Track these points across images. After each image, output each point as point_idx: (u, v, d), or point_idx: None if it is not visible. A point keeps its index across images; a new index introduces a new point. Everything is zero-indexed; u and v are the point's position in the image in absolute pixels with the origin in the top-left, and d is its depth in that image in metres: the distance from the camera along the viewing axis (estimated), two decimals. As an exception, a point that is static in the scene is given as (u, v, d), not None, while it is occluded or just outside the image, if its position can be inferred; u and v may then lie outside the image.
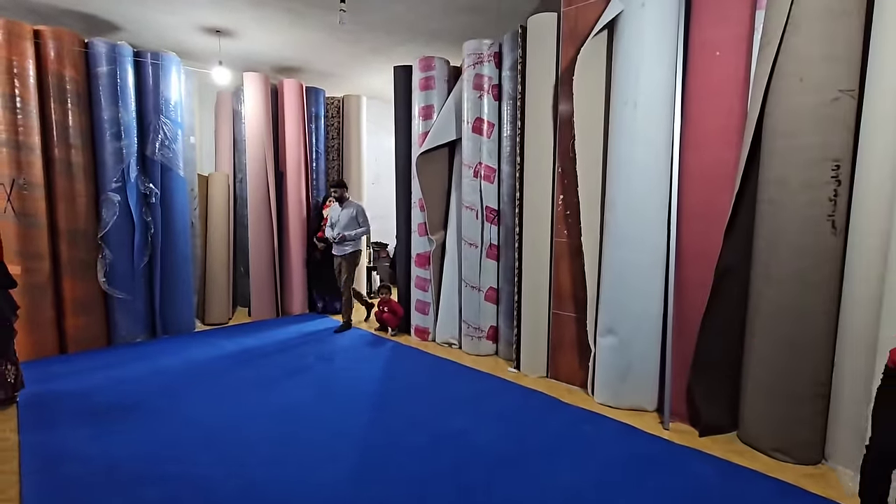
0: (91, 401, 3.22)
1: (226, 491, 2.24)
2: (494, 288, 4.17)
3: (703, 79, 2.78)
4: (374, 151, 7.27)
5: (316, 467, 2.42)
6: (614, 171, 3.09)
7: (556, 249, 3.57)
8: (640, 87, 2.91)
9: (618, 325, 3.12)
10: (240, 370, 3.85)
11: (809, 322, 2.42)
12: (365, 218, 4.99)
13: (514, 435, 2.79)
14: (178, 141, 4.65)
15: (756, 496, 2.26)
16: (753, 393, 2.65)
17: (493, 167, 4.09)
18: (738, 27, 2.66)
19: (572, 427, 2.92)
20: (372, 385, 3.57)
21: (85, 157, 4.16)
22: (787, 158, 2.40)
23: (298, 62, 5.97)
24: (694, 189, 2.85)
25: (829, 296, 2.40)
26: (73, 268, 4.12)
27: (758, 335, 2.59)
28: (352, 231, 4.88)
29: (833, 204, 2.33)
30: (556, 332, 3.64)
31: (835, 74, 2.28)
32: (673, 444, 2.73)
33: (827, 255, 2.37)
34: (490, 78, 4.03)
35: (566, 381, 3.61)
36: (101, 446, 2.64)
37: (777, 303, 2.49)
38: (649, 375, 3.08)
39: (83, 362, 3.94)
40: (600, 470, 2.44)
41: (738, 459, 2.56)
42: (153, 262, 4.54)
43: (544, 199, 3.63)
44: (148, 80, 4.46)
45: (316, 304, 5.80)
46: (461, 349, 4.42)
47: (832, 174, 2.31)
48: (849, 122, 2.30)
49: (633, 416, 3.06)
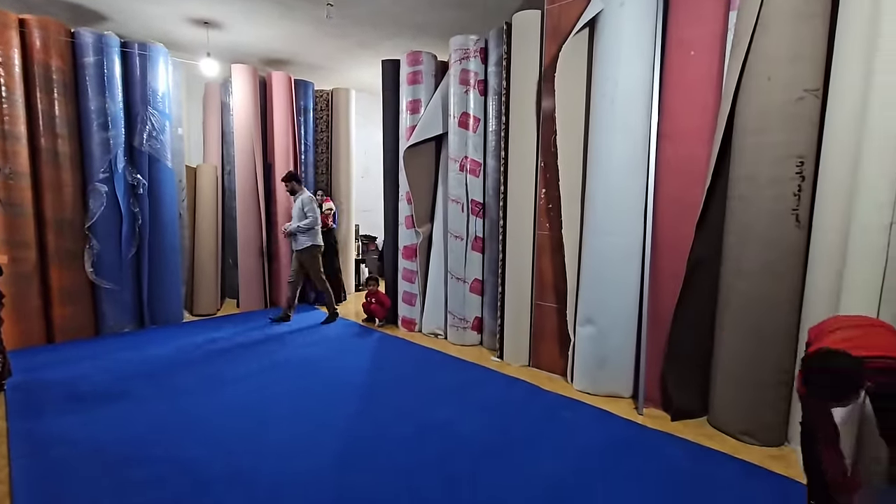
0: (78, 388, 3.26)
1: (210, 473, 2.30)
2: (479, 279, 4.26)
3: (679, 76, 2.87)
4: (363, 144, 7.30)
5: (300, 455, 2.48)
6: (594, 166, 3.18)
7: (539, 242, 3.66)
8: (618, 84, 3.00)
9: (596, 314, 3.22)
10: (227, 360, 3.90)
11: (774, 312, 2.54)
12: (311, 208, 4.83)
13: (498, 424, 2.87)
14: (166, 132, 4.66)
15: (723, 476, 2.37)
16: (722, 380, 2.77)
17: (479, 161, 4.17)
18: (713, 27, 2.75)
19: (552, 414, 3.02)
20: (358, 375, 3.64)
21: (72, 147, 4.16)
22: (755, 155, 2.51)
23: (287, 55, 5.98)
24: (669, 183, 2.95)
25: (793, 287, 2.51)
26: (59, 257, 4.13)
27: (727, 325, 2.71)
28: (297, 224, 4.78)
29: (797, 199, 2.44)
30: (538, 323, 3.74)
31: (800, 74, 2.39)
32: (646, 428, 2.85)
33: (792, 247, 2.48)
34: (476, 73, 4.09)
35: (547, 369, 3.72)
36: (88, 431, 2.69)
37: (745, 294, 2.60)
38: (625, 363, 3.20)
39: (70, 351, 3.97)
40: (578, 456, 2.54)
41: (707, 442, 2.68)
42: (141, 252, 4.56)
43: (527, 192, 3.72)
44: (135, 70, 4.46)
45: (308, 295, 5.86)
46: (447, 339, 4.51)
47: (797, 170, 2.42)
48: (813, 120, 2.41)
49: (609, 402, 3.17)
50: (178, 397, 3.16)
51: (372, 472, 2.35)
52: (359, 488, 2.22)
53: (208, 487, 2.19)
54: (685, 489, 2.26)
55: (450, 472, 2.38)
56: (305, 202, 4.84)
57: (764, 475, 2.37)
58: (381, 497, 2.16)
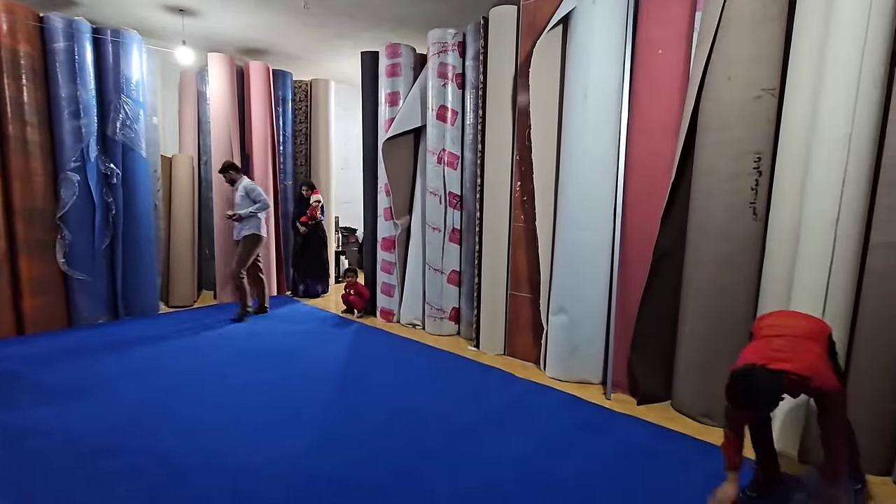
0: (50, 380, 3.23)
1: (186, 463, 2.32)
2: (457, 271, 4.34)
3: (648, 74, 2.98)
4: (342, 136, 7.29)
5: (276, 443, 2.52)
6: (567, 160, 3.28)
7: (514, 234, 3.75)
8: (590, 81, 3.09)
9: (568, 304, 3.34)
10: (203, 352, 3.90)
11: (732, 301, 2.68)
12: (258, 193, 4.62)
13: (470, 409, 2.96)
14: (140, 121, 4.59)
15: (683, 454, 2.50)
16: (684, 365, 2.91)
17: (457, 154, 4.23)
18: (679, 27, 2.85)
19: (524, 399, 3.12)
20: (335, 365, 3.69)
21: (42, 136, 4.08)
22: (716, 151, 2.63)
23: (265, 44, 5.92)
24: (639, 178, 3.06)
25: (750, 277, 2.65)
26: (29, 247, 4.06)
27: (688, 314, 2.84)
28: (244, 210, 4.56)
29: (755, 193, 2.57)
30: (513, 313, 3.85)
31: (759, 74, 2.51)
32: (613, 412, 2.97)
33: (749, 239, 2.62)
34: (454, 67, 4.14)
35: (522, 357, 3.83)
36: (61, 422, 2.68)
37: (705, 284, 2.74)
38: (596, 351, 3.32)
39: (41, 343, 3.92)
40: (546, 436, 2.65)
41: (670, 424, 2.81)
42: (115, 243, 4.50)
43: (503, 185, 3.80)
44: (108, 57, 4.37)
45: (297, 286, 5.87)
46: (425, 330, 4.58)
47: (754, 166, 2.55)
48: (770, 118, 2.54)
49: (580, 389, 3.29)
50: (154, 389, 3.16)
51: (345, 456, 2.42)
52: (332, 472, 2.28)
53: (184, 478, 2.21)
54: (646, 465, 2.39)
55: (421, 451, 2.47)
56: (249, 188, 4.63)
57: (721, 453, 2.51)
58: (354, 478, 2.23)
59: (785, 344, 1.78)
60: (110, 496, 2.07)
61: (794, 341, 1.80)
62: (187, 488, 2.14)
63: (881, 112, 2.23)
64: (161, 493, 2.10)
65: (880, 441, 2.30)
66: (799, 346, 1.77)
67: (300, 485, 2.18)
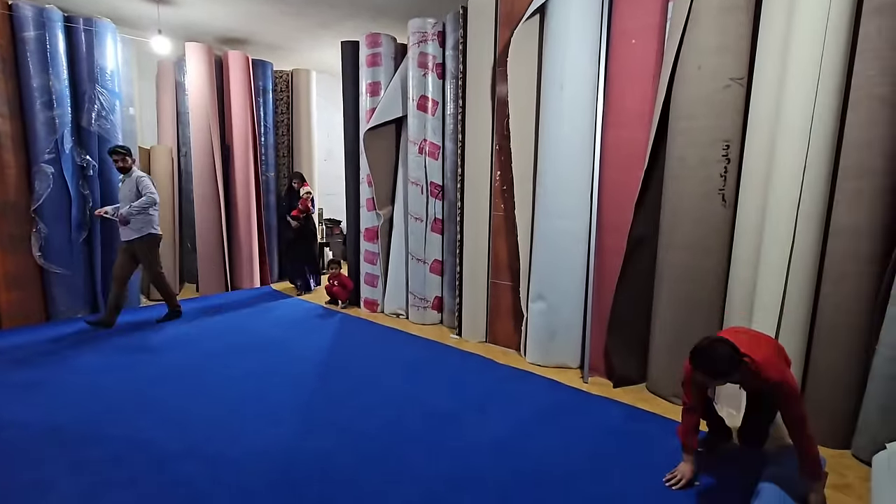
0: (28, 373, 3.21)
1: (168, 450, 2.35)
2: (439, 260, 4.38)
3: (622, 64, 3.03)
4: (325, 126, 7.23)
5: (258, 431, 2.54)
6: (544, 149, 3.32)
7: (494, 223, 3.80)
8: (566, 71, 3.13)
9: (547, 291, 3.40)
10: (185, 344, 3.90)
11: (703, 284, 2.76)
12: (146, 185, 3.98)
13: (451, 394, 3.03)
14: (116, 112, 4.52)
15: (655, 432, 2.60)
16: (657, 348, 3.00)
17: (438, 144, 4.25)
18: (652, 18, 2.91)
19: (504, 384, 3.19)
20: (319, 354, 3.71)
21: (14, 127, 4.00)
22: (687, 139, 2.70)
23: (244, 34, 5.83)
24: (614, 166, 3.12)
25: (719, 261, 2.74)
26: (3, 241, 3.99)
27: (661, 297, 2.93)
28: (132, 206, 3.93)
29: (724, 180, 2.65)
30: (494, 300, 3.90)
31: (727, 64, 2.57)
32: (590, 394, 3.06)
33: (718, 224, 2.70)
34: (434, 56, 4.15)
35: (503, 344, 3.89)
36: (41, 413, 2.68)
37: (677, 268, 2.82)
38: (574, 336, 3.40)
39: (18, 337, 3.87)
40: (523, 417, 2.73)
41: (643, 405, 2.91)
42: (93, 236, 4.45)
43: (483, 175, 3.84)
44: (81, 46, 4.29)
45: (295, 281, 5.78)
46: (408, 319, 4.62)
47: (723, 153, 2.63)
48: (738, 107, 2.61)
49: (558, 373, 3.37)
50: (135, 381, 3.15)
51: (328, 441, 2.46)
52: (314, 456, 2.32)
53: (165, 465, 2.23)
54: (620, 443, 2.48)
55: (403, 433, 2.54)
56: (140, 181, 4.00)
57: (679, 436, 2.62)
58: (336, 463, 2.27)
59: (747, 339, 1.98)
60: (90, 483, 2.09)
61: (755, 338, 2.05)
62: (168, 475, 2.17)
63: (841, 102, 2.31)
64: (141, 479, 2.12)
65: (841, 417, 2.42)
66: (756, 342, 1.99)
67: (282, 469, 2.22)
